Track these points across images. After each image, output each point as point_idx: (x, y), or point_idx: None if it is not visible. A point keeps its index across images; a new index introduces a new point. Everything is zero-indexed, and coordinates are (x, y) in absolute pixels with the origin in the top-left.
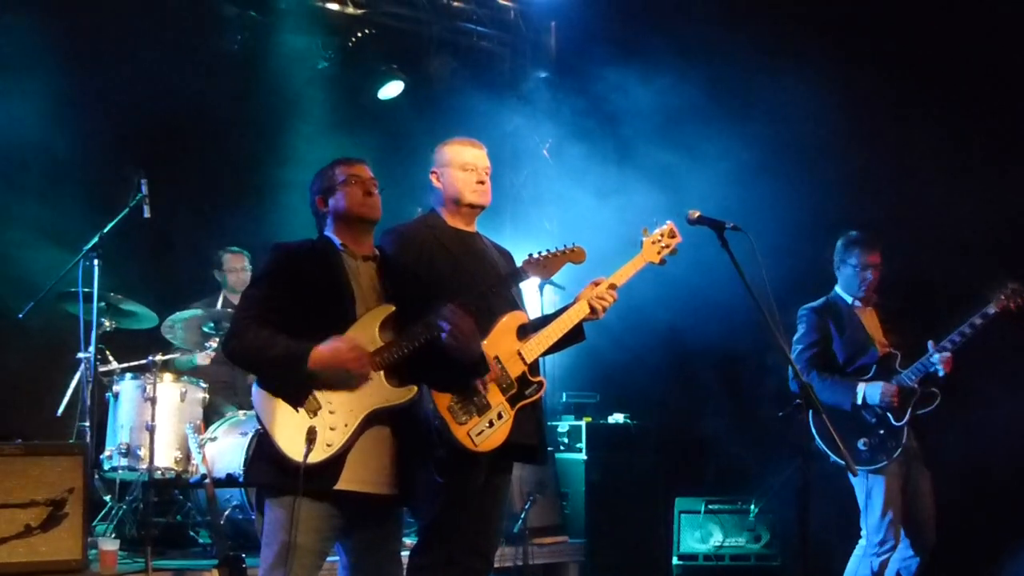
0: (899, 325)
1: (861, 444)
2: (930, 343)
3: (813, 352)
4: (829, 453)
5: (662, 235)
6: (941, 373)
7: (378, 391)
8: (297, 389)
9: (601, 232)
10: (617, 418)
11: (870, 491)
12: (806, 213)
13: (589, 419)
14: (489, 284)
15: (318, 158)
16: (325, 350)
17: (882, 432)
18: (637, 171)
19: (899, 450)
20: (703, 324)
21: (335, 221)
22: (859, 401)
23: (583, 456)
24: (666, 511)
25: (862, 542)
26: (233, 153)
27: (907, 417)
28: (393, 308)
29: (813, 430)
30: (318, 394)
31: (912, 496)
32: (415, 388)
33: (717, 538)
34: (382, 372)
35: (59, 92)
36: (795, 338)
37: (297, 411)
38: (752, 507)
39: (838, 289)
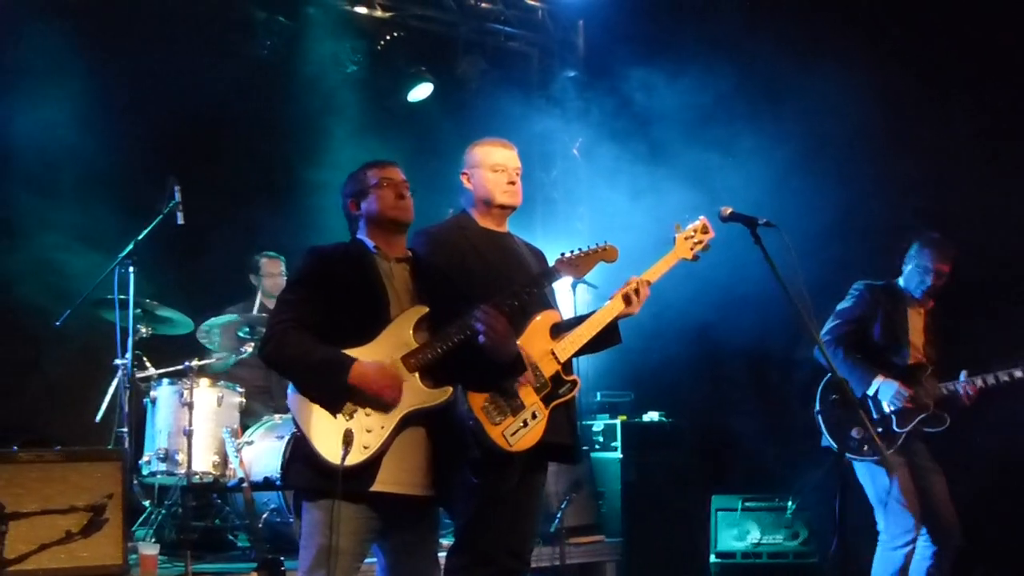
0: (940, 339)
1: (855, 432)
2: (963, 373)
3: (849, 329)
4: (832, 444)
5: (695, 231)
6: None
7: (414, 393)
8: (335, 397)
9: (632, 231)
10: (652, 416)
11: (873, 480)
12: (838, 212)
13: (624, 418)
14: (522, 284)
15: (349, 161)
16: (370, 368)
17: (879, 431)
18: (668, 170)
19: (889, 452)
20: (736, 321)
21: (368, 224)
22: (870, 392)
23: (618, 455)
24: (702, 509)
25: (883, 537)
26: (265, 157)
27: (909, 428)
28: (427, 309)
29: (822, 421)
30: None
31: (925, 493)
32: (450, 389)
33: (754, 536)
34: (417, 374)
35: (92, 97)
36: (838, 308)
37: (335, 416)
38: (789, 504)
39: (900, 281)
